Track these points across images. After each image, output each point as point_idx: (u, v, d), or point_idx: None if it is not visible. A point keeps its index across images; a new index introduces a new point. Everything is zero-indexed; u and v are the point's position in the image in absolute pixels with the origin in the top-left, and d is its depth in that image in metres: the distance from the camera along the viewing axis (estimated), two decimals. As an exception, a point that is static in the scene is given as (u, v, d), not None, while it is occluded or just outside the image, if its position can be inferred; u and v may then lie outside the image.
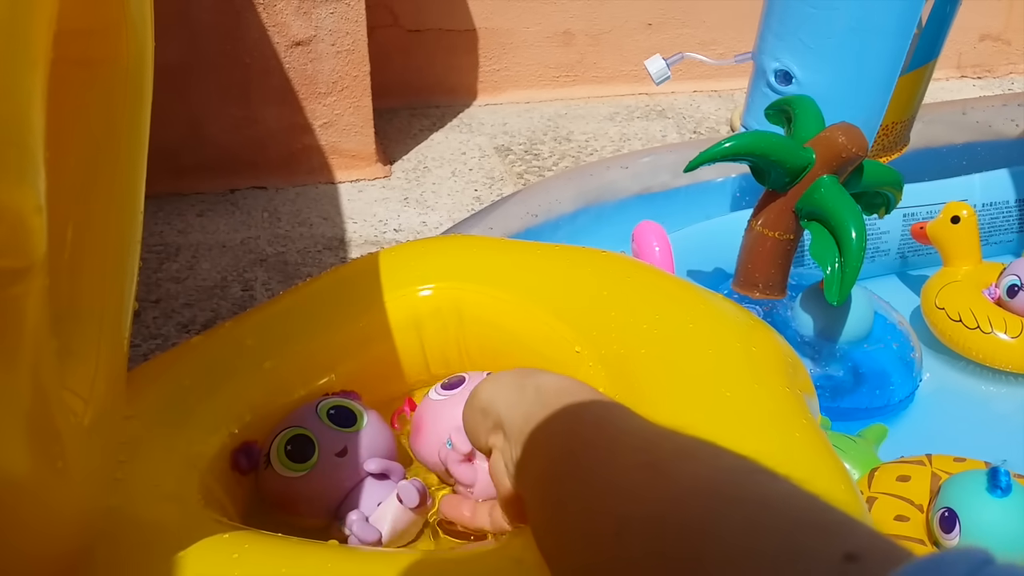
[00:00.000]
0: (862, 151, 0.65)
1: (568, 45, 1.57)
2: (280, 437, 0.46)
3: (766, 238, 0.71)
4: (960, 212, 0.84)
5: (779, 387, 0.45)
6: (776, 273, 0.73)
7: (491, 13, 1.50)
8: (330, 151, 1.25)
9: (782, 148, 0.67)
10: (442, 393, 0.51)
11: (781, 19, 0.92)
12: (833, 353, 0.74)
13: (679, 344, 0.48)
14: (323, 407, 0.48)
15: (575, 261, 0.57)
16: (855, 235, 0.62)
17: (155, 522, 0.39)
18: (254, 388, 0.49)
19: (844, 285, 0.64)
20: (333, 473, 0.46)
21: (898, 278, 0.98)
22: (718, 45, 1.61)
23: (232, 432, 0.47)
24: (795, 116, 0.72)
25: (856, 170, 0.68)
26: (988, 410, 0.80)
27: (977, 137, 1.13)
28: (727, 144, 0.68)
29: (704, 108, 1.58)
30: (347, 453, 0.47)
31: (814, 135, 0.68)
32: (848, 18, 0.86)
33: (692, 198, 1.00)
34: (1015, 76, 1.82)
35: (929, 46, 0.92)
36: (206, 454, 0.45)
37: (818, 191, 0.66)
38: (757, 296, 0.74)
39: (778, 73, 0.94)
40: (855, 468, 0.63)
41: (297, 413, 0.48)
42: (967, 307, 0.81)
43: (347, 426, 0.47)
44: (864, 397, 0.75)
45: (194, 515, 0.40)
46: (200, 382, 0.48)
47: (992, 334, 0.80)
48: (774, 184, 0.70)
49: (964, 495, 0.56)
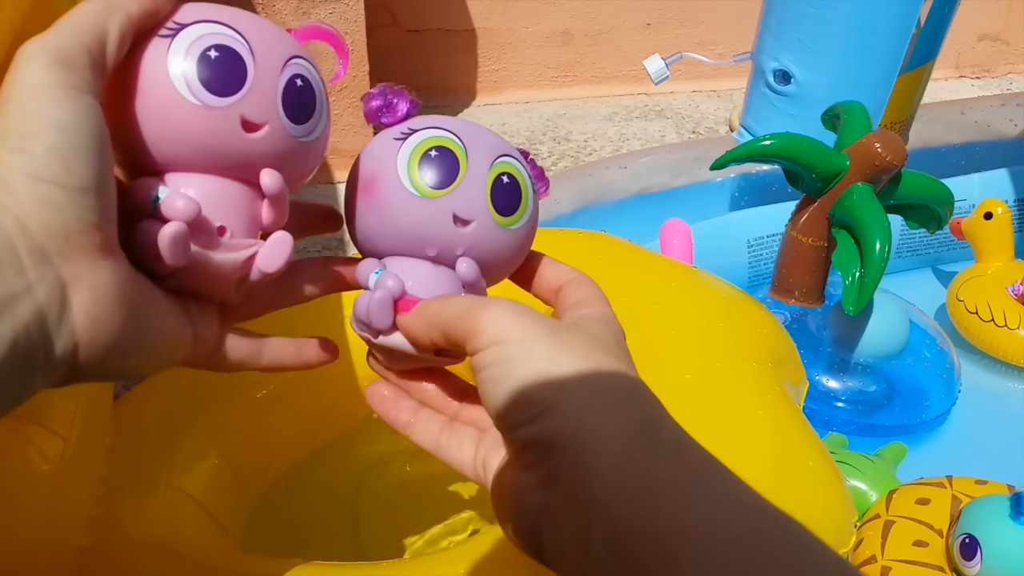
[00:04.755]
0: (898, 160, 0.64)
1: (567, 45, 1.57)
2: (419, 143, 0.29)
3: (801, 244, 0.70)
4: (994, 209, 0.85)
5: (746, 361, 0.45)
6: (811, 280, 0.72)
7: (490, 13, 1.50)
8: (329, 151, 1.25)
9: (812, 152, 0.65)
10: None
11: (780, 19, 0.92)
12: (866, 366, 0.73)
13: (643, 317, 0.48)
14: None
15: (549, 241, 0.57)
16: (879, 246, 0.61)
17: (144, 554, 0.37)
18: (241, 412, 0.48)
19: (862, 296, 0.63)
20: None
21: (932, 273, 0.99)
22: (717, 45, 1.61)
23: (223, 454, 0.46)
24: (842, 121, 0.70)
25: (893, 180, 0.66)
26: (1013, 429, 0.78)
27: (976, 137, 1.13)
28: (764, 143, 0.66)
29: (703, 108, 1.58)
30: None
31: (855, 141, 0.66)
32: (847, 18, 0.86)
33: (691, 198, 1.00)
34: (1014, 76, 1.82)
35: (928, 46, 0.92)
36: (196, 480, 0.44)
37: (849, 198, 0.65)
38: (793, 302, 0.73)
39: (777, 73, 0.94)
40: (872, 489, 0.62)
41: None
42: (985, 300, 0.82)
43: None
44: (898, 413, 0.73)
45: (188, 544, 0.38)
46: (186, 407, 0.46)
47: (1005, 328, 0.81)
48: (807, 189, 0.69)
49: (986, 520, 0.54)
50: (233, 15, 0.26)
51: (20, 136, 0.21)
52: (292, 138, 0.27)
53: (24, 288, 0.20)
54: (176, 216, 0.24)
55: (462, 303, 0.26)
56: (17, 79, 0.21)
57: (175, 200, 0.24)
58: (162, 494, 0.41)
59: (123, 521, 0.38)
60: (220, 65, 0.25)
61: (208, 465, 0.46)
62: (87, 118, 0.22)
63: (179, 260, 0.25)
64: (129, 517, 0.38)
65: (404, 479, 0.53)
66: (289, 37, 0.28)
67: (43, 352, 0.21)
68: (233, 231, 0.26)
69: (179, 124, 0.25)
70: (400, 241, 0.29)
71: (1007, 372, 0.83)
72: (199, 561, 0.36)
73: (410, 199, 0.28)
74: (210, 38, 0.25)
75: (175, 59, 0.24)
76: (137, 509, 0.39)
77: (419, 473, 0.53)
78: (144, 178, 0.25)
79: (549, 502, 0.23)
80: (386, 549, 0.48)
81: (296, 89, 0.27)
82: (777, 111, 0.97)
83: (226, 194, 0.26)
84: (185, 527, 0.40)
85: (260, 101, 0.25)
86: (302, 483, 0.52)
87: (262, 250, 0.27)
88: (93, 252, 0.22)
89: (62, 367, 0.22)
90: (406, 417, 0.31)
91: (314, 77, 0.28)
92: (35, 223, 0.21)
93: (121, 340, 0.23)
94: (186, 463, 0.44)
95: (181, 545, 0.37)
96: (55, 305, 0.21)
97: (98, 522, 0.37)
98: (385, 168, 0.29)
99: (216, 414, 0.48)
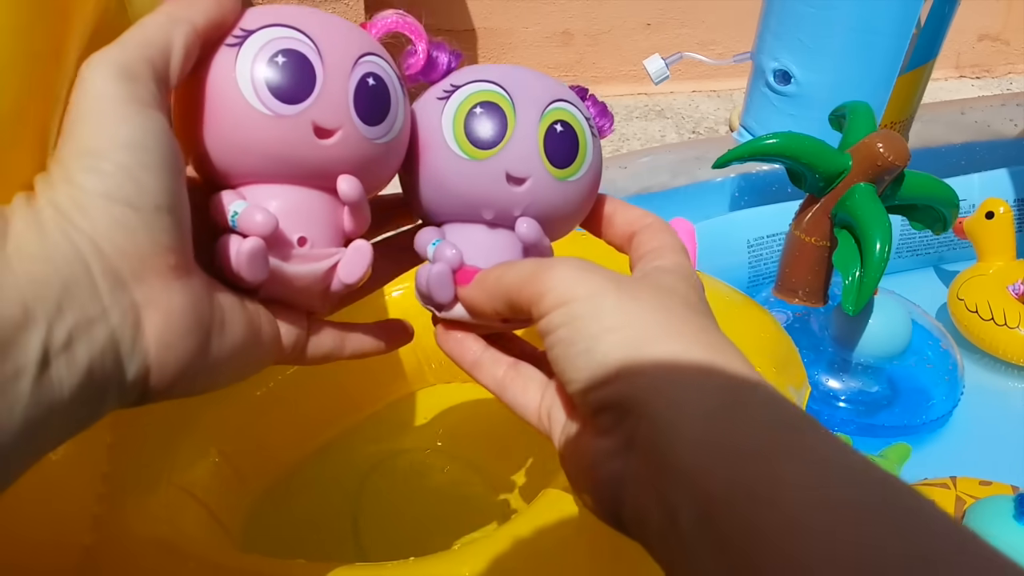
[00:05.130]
0: (900, 160, 0.63)
1: (567, 45, 1.57)
2: (463, 101, 0.27)
3: (804, 243, 0.70)
4: (996, 208, 0.86)
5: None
6: (814, 280, 0.72)
7: (490, 13, 1.50)
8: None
9: (815, 152, 0.65)
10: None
11: (780, 19, 0.92)
12: (869, 367, 0.73)
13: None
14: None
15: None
16: (879, 247, 0.61)
17: (146, 552, 0.37)
18: (242, 409, 0.48)
19: (861, 296, 0.63)
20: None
21: (935, 273, 0.99)
22: (717, 45, 1.61)
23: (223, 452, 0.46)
24: (847, 121, 0.70)
25: (896, 180, 0.66)
26: (1017, 430, 0.78)
27: (976, 137, 1.13)
28: (767, 142, 0.66)
29: (703, 108, 1.58)
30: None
31: (859, 141, 0.66)
32: (847, 18, 0.87)
33: (691, 198, 1.00)
34: (1014, 76, 1.82)
35: (928, 46, 0.92)
36: (197, 478, 0.43)
37: (851, 198, 0.65)
38: (797, 302, 0.73)
39: (777, 73, 0.94)
40: None
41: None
42: (985, 299, 0.83)
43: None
44: (900, 414, 0.73)
45: (191, 543, 0.38)
46: (187, 404, 0.46)
47: (1005, 327, 0.81)
48: (810, 188, 0.69)
49: (990, 522, 0.54)
50: (299, 16, 0.25)
51: (93, 154, 0.20)
52: (368, 141, 0.25)
53: (100, 313, 0.20)
54: (253, 231, 0.24)
55: (523, 268, 0.25)
56: (83, 94, 0.21)
57: (252, 215, 0.24)
58: (163, 492, 0.41)
59: (125, 519, 0.38)
60: (287, 71, 0.24)
61: (209, 463, 0.46)
62: (156, 134, 0.21)
63: (258, 276, 0.24)
64: (131, 515, 0.38)
65: (406, 478, 0.53)
66: (360, 32, 0.26)
67: (116, 379, 0.21)
68: (314, 241, 0.26)
69: (251, 135, 0.24)
70: (455, 206, 0.28)
71: (1009, 372, 0.83)
72: (201, 559, 0.36)
73: (459, 162, 0.27)
74: (277, 43, 0.24)
75: (243, 68, 0.23)
76: (138, 507, 0.39)
77: (421, 473, 0.53)
78: (222, 192, 0.25)
79: (627, 468, 0.22)
80: (387, 549, 0.48)
81: (368, 89, 0.25)
82: (777, 111, 0.97)
83: (304, 204, 0.25)
84: (187, 525, 0.40)
85: (331, 105, 0.24)
86: (303, 482, 0.52)
87: (342, 261, 0.26)
88: (167, 274, 0.21)
89: (133, 392, 0.21)
90: (472, 356, 0.29)
91: (388, 74, 0.26)
92: (109, 246, 0.20)
93: (192, 363, 0.22)
94: (187, 461, 0.44)
95: (183, 543, 0.37)
96: (128, 329, 0.20)
97: (100, 520, 0.37)
98: (431, 132, 0.27)
99: (217, 411, 0.48)
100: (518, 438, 0.56)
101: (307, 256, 0.25)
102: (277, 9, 0.25)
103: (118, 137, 0.20)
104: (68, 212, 0.20)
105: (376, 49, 0.26)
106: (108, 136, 0.20)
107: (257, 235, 0.24)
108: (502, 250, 0.28)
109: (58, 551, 0.35)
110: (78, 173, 0.20)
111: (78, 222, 0.20)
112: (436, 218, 0.29)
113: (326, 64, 0.24)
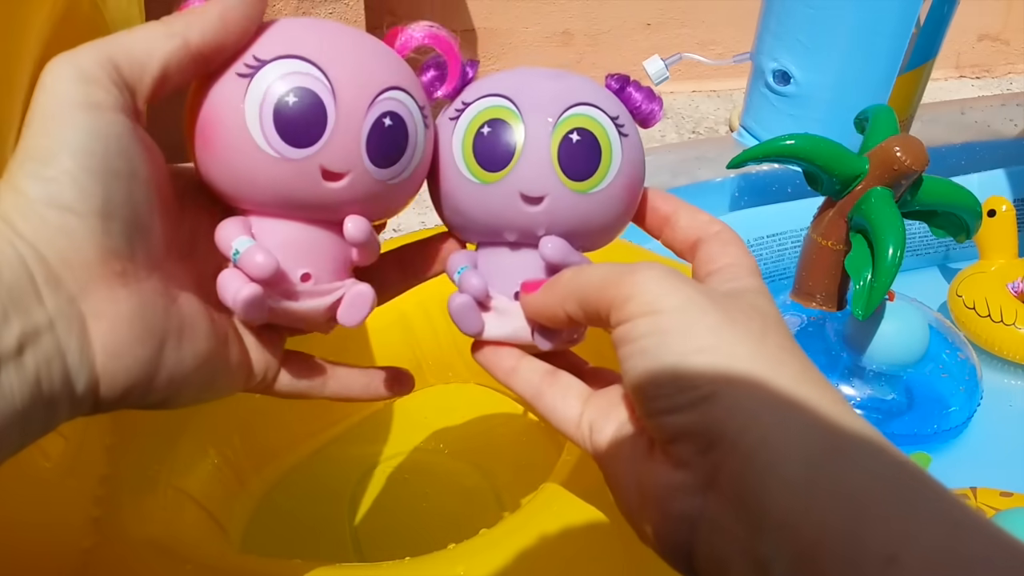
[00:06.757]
0: (918, 165, 0.62)
1: (567, 45, 1.57)
2: (471, 121, 0.26)
3: (821, 247, 0.70)
4: (998, 207, 0.86)
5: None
6: (831, 284, 0.71)
7: (490, 13, 1.50)
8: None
9: (832, 154, 0.64)
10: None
11: (779, 19, 0.92)
12: (885, 374, 0.72)
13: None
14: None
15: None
16: (891, 251, 0.60)
17: (145, 555, 0.36)
18: (240, 411, 0.48)
19: (871, 300, 0.62)
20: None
21: (938, 271, 0.99)
22: (717, 45, 1.61)
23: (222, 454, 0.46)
24: (868, 124, 0.70)
25: (914, 185, 0.65)
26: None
27: (975, 137, 1.13)
28: (785, 143, 0.65)
29: (703, 108, 1.58)
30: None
31: (877, 144, 0.65)
32: (846, 18, 0.86)
33: (691, 198, 0.99)
34: (1014, 76, 1.82)
35: (927, 46, 0.92)
36: (196, 480, 0.43)
37: (867, 202, 0.64)
38: (814, 306, 0.72)
39: (776, 73, 0.94)
40: None
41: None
42: (983, 296, 0.83)
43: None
44: (916, 422, 0.72)
45: (189, 545, 0.38)
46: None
47: (1002, 324, 0.81)
48: (827, 191, 0.69)
49: (1013, 534, 0.53)
50: (319, 44, 0.23)
51: (37, 159, 0.20)
52: (378, 182, 0.24)
53: (46, 321, 0.19)
54: (253, 273, 0.23)
55: (602, 270, 0.23)
56: (37, 96, 0.20)
57: (253, 256, 0.23)
58: (162, 494, 0.41)
59: (123, 521, 0.38)
60: (297, 113, 0.22)
61: (207, 465, 0.46)
62: (107, 138, 0.20)
63: (254, 320, 0.24)
64: (130, 517, 0.38)
65: (405, 479, 0.53)
66: (386, 60, 0.25)
67: (66, 389, 0.20)
68: (318, 277, 0.25)
69: (256, 172, 0.23)
70: (476, 229, 0.27)
71: (1019, 373, 0.83)
72: (200, 562, 0.36)
73: (471, 187, 0.26)
74: (289, 80, 0.22)
75: (251, 105, 0.22)
76: (137, 509, 0.39)
77: (420, 473, 0.53)
78: (228, 220, 0.24)
79: (705, 509, 0.20)
80: (386, 549, 0.48)
81: (383, 131, 0.24)
82: (777, 111, 0.97)
83: (309, 240, 0.25)
84: (186, 527, 0.40)
85: (341, 150, 0.23)
86: (301, 483, 0.52)
87: (342, 305, 0.25)
88: (113, 280, 0.21)
89: (85, 403, 0.21)
90: (508, 363, 0.28)
91: (408, 110, 0.25)
92: (51, 253, 0.19)
93: (143, 373, 0.21)
94: (186, 463, 0.44)
95: (182, 546, 0.37)
96: (75, 339, 0.20)
97: (99, 523, 0.37)
98: (446, 154, 0.27)
99: (216, 413, 0.48)
100: (516, 439, 0.56)
101: (310, 292, 0.25)
102: (296, 32, 0.23)
103: (64, 141, 0.20)
104: (11, 219, 0.19)
105: (399, 81, 0.24)
106: (55, 140, 0.20)
107: (257, 277, 0.23)
108: (530, 273, 0.27)
109: (57, 554, 0.35)
110: (22, 179, 0.19)
111: (21, 229, 0.19)
112: (465, 237, 0.29)
113: (340, 105, 0.23)
